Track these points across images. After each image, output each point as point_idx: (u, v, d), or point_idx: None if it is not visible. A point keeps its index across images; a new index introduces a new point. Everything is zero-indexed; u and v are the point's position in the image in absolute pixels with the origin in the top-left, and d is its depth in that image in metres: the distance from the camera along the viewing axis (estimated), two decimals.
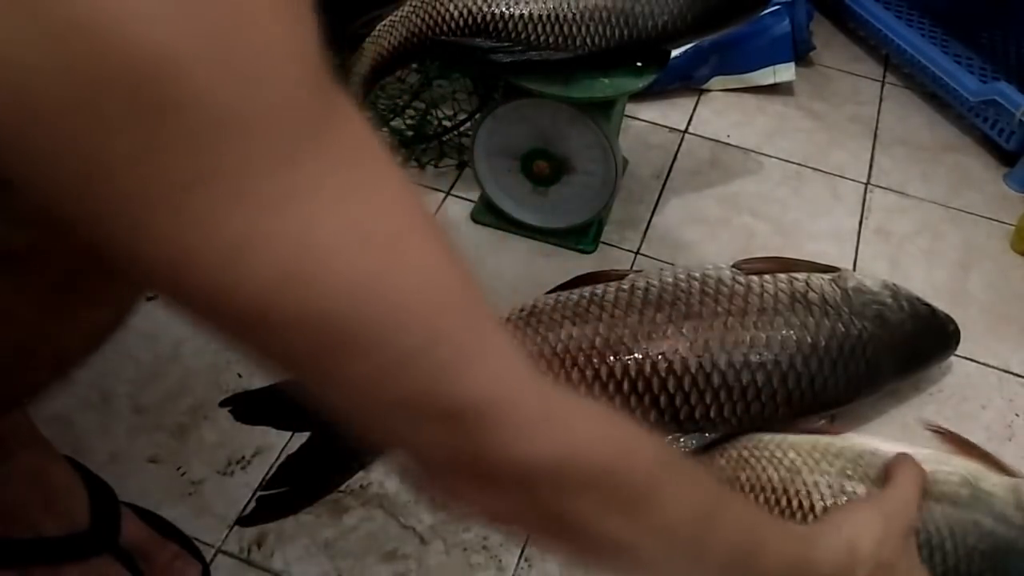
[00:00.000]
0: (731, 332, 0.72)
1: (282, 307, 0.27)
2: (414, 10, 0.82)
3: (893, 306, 0.77)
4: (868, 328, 0.75)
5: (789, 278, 0.76)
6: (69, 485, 0.62)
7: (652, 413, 0.72)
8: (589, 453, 0.35)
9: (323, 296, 0.28)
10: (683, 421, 0.72)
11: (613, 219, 0.96)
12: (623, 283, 0.77)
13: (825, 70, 1.19)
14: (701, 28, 0.81)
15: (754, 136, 1.09)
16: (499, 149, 0.88)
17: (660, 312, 0.74)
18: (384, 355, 0.29)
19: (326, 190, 0.27)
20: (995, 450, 0.79)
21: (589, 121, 0.82)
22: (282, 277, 0.27)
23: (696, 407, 0.71)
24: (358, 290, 0.28)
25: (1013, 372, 0.86)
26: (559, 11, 0.77)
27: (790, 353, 0.72)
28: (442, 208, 0.97)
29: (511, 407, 0.32)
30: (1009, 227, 0.99)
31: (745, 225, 0.98)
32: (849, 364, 0.74)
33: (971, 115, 1.08)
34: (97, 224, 0.26)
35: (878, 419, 0.81)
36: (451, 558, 0.70)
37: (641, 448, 0.38)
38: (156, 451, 0.75)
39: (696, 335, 0.72)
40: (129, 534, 0.65)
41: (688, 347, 0.72)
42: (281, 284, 0.27)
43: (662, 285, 0.76)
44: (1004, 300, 0.92)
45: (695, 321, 0.73)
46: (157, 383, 0.80)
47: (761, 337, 0.72)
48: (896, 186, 1.04)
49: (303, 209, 0.27)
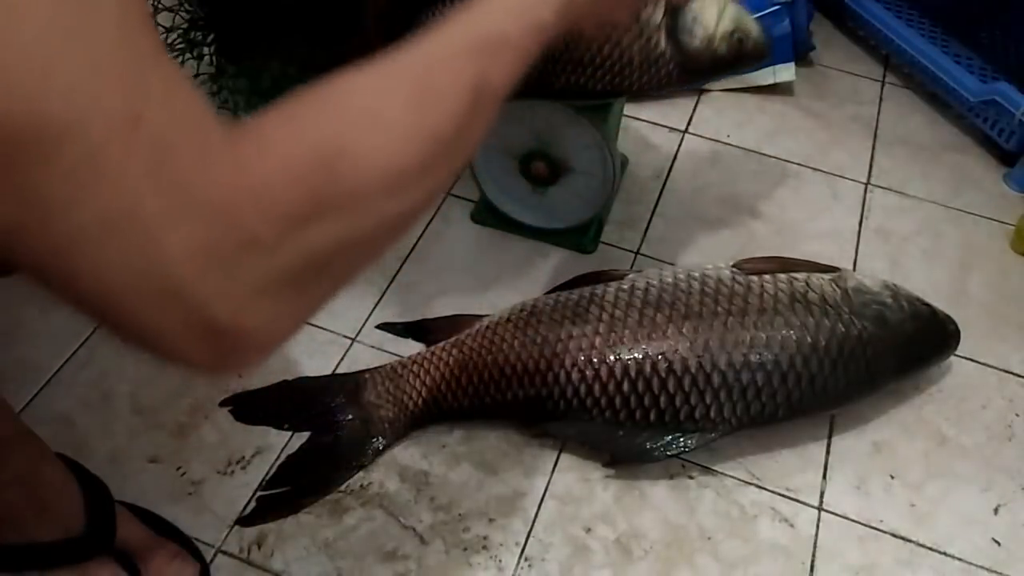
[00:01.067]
0: (731, 332, 0.72)
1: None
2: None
3: (893, 306, 0.77)
4: (868, 328, 0.75)
5: (789, 278, 0.76)
6: (63, 487, 0.61)
7: (652, 413, 0.72)
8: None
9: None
10: (683, 421, 0.72)
11: (613, 219, 0.96)
12: (623, 283, 0.77)
13: (825, 70, 1.19)
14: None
15: (754, 136, 1.09)
16: (498, 150, 0.88)
17: (660, 312, 0.74)
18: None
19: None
20: (995, 450, 0.79)
21: (587, 122, 0.82)
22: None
23: (696, 407, 0.72)
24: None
25: (1013, 372, 0.86)
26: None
27: (790, 353, 0.72)
28: (442, 208, 0.97)
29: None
30: (1009, 227, 0.99)
31: (745, 225, 0.98)
32: (849, 364, 0.74)
33: (971, 115, 1.08)
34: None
35: (878, 419, 0.81)
36: (451, 558, 0.70)
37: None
38: (156, 451, 0.75)
39: (696, 335, 0.72)
40: (125, 535, 0.64)
41: (688, 347, 0.72)
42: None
43: (662, 285, 0.76)
44: (1004, 300, 0.92)
45: (695, 321, 0.73)
46: (157, 383, 0.80)
47: (761, 337, 0.72)
48: (896, 186, 1.04)
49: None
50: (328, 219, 0.34)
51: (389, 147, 0.36)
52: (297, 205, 0.33)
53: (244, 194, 0.32)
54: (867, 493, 0.76)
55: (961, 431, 0.81)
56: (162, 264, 0.31)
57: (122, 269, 0.31)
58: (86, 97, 0.29)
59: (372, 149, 0.36)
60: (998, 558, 0.72)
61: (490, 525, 0.72)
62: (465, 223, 0.95)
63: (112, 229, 0.30)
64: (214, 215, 0.31)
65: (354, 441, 0.75)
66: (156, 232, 0.30)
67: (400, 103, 0.38)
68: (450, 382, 0.75)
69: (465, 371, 0.75)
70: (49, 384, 0.79)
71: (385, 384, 0.77)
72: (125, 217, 0.30)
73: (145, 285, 0.31)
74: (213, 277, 0.32)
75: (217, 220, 0.31)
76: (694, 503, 0.74)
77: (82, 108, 0.29)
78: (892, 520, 0.74)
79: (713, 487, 0.75)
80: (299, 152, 0.34)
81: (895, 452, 0.79)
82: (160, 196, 0.30)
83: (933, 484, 0.77)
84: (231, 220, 0.32)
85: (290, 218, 0.33)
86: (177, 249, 0.31)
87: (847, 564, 0.71)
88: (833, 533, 0.73)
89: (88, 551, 0.61)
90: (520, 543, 0.71)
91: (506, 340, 0.75)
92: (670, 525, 0.73)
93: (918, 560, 0.72)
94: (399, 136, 0.37)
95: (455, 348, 0.77)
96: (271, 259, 0.33)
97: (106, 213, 0.30)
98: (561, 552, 0.71)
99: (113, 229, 0.30)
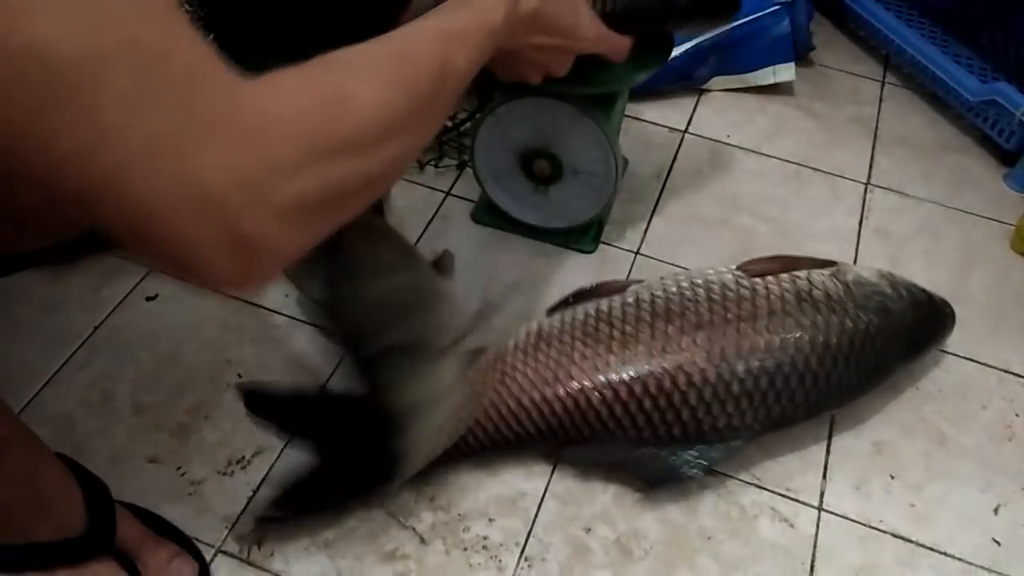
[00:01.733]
0: (745, 338, 0.72)
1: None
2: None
3: (893, 296, 0.78)
4: (874, 321, 0.75)
5: (791, 277, 0.76)
6: (63, 488, 0.61)
7: (675, 428, 0.71)
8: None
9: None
10: (707, 432, 0.71)
11: (613, 219, 0.96)
12: (627, 296, 0.75)
13: (825, 70, 1.19)
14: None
15: (754, 136, 1.09)
16: (499, 149, 0.88)
17: (671, 324, 0.72)
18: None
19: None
20: (995, 450, 0.79)
21: (589, 120, 0.82)
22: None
23: (719, 417, 0.71)
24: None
25: (1013, 372, 0.86)
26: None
27: (805, 354, 0.72)
28: (442, 208, 0.97)
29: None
30: (1009, 227, 0.99)
31: (745, 225, 0.98)
32: (861, 358, 0.74)
33: (971, 115, 1.08)
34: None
35: (878, 419, 0.81)
36: (451, 558, 0.70)
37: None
38: (156, 451, 0.75)
39: (711, 344, 0.71)
40: (125, 534, 0.64)
41: (705, 357, 0.71)
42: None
43: (667, 295, 0.74)
44: (1004, 300, 0.92)
45: (708, 330, 0.72)
46: (157, 383, 0.80)
47: (775, 340, 0.72)
48: (896, 186, 1.04)
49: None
50: (338, 154, 0.40)
51: (383, 96, 0.44)
52: (311, 139, 0.39)
53: (269, 122, 0.37)
54: (867, 493, 0.76)
55: (961, 431, 0.81)
56: (197, 182, 0.35)
57: (163, 188, 0.34)
58: (125, 31, 0.33)
59: (370, 97, 0.43)
60: (998, 558, 0.72)
61: (490, 525, 0.72)
62: (465, 223, 0.95)
63: (155, 152, 0.34)
64: (242, 139, 0.36)
65: (369, 476, 0.71)
66: (193, 153, 0.35)
67: (387, 67, 0.45)
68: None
69: (480, 407, 0.73)
70: (49, 384, 0.79)
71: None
72: (166, 139, 0.34)
73: (183, 202, 0.35)
74: (241, 194, 0.36)
75: (245, 144, 0.36)
76: (694, 503, 0.74)
77: (124, 39, 0.32)
78: (892, 520, 0.74)
79: (713, 487, 0.75)
80: (311, 95, 0.40)
81: (895, 452, 0.79)
82: (194, 120, 0.35)
83: (933, 484, 0.77)
84: (257, 145, 0.36)
85: (307, 150, 0.38)
86: (210, 169, 0.35)
87: (847, 564, 0.71)
88: (833, 533, 0.73)
89: (88, 551, 0.61)
90: (520, 543, 0.71)
91: (518, 369, 0.73)
92: (670, 525, 0.73)
93: (918, 560, 0.72)
94: (389, 88, 0.44)
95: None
96: (290, 183, 0.38)
97: (151, 138, 0.34)
98: (561, 552, 0.71)
99: (156, 152, 0.34)
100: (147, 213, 0.35)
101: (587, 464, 0.75)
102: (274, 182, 0.37)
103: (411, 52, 0.48)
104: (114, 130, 0.33)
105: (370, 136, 0.42)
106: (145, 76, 0.33)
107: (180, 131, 0.34)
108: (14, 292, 0.84)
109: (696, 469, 0.71)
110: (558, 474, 0.75)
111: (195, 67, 0.35)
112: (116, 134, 0.33)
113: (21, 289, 0.85)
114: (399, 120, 0.44)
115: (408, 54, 0.47)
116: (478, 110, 0.99)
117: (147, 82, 0.33)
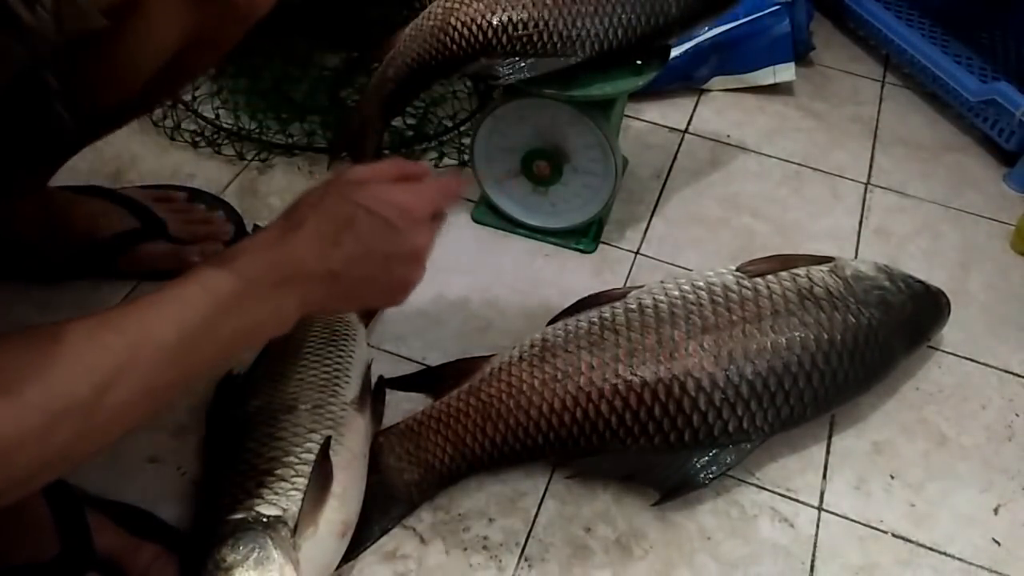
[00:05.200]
0: (751, 340, 0.71)
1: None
2: (412, 44, 0.82)
3: (892, 289, 0.78)
4: (876, 315, 0.75)
5: (792, 275, 0.76)
6: (33, 512, 0.59)
7: (687, 434, 0.70)
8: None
9: None
10: (718, 437, 0.71)
11: (613, 219, 0.96)
12: (629, 302, 0.75)
13: (825, 70, 1.19)
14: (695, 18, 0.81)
15: (754, 136, 1.09)
16: (499, 149, 0.88)
17: (676, 329, 0.72)
18: None
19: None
20: (995, 450, 0.79)
21: (589, 121, 0.82)
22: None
23: (729, 421, 0.70)
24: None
25: (1013, 372, 0.86)
26: (557, 17, 0.77)
27: (811, 353, 0.72)
28: None
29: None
30: (1009, 227, 0.99)
31: (745, 225, 0.98)
32: (865, 353, 0.74)
33: (971, 115, 1.08)
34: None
35: (878, 419, 0.81)
36: (451, 558, 0.70)
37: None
38: (156, 451, 0.75)
39: (718, 348, 0.71)
40: (103, 543, 0.62)
41: (713, 361, 0.70)
42: None
43: (670, 300, 0.74)
44: (1004, 300, 0.92)
45: (714, 334, 0.71)
46: None
47: (781, 341, 0.72)
48: (896, 186, 1.04)
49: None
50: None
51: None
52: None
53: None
54: (867, 493, 0.76)
55: (961, 431, 0.81)
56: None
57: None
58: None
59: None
60: (998, 558, 0.72)
61: (490, 525, 0.72)
62: (465, 223, 0.95)
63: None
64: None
65: (375, 510, 0.70)
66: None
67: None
68: (474, 433, 0.72)
69: (489, 419, 0.71)
70: None
71: (404, 445, 0.72)
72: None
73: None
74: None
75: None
76: (694, 503, 0.74)
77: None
78: (892, 520, 0.74)
79: (713, 487, 0.75)
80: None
81: (895, 452, 0.79)
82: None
83: (933, 484, 0.77)
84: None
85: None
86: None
87: (847, 564, 0.71)
88: (833, 533, 0.73)
89: (68, 572, 0.59)
90: (520, 543, 0.71)
91: (524, 380, 0.72)
92: (670, 525, 0.73)
93: (918, 560, 0.72)
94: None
95: (471, 396, 0.72)
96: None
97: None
98: (561, 552, 0.71)
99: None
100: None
101: (599, 477, 0.75)
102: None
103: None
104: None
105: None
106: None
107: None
108: (14, 292, 0.84)
109: (711, 475, 0.71)
110: (558, 474, 0.75)
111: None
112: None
113: (21, 289, 0.85)
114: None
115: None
116: (478, 110, 1.00)
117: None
